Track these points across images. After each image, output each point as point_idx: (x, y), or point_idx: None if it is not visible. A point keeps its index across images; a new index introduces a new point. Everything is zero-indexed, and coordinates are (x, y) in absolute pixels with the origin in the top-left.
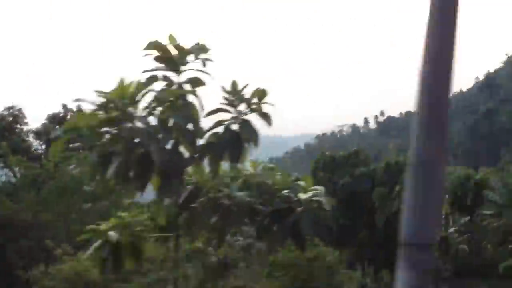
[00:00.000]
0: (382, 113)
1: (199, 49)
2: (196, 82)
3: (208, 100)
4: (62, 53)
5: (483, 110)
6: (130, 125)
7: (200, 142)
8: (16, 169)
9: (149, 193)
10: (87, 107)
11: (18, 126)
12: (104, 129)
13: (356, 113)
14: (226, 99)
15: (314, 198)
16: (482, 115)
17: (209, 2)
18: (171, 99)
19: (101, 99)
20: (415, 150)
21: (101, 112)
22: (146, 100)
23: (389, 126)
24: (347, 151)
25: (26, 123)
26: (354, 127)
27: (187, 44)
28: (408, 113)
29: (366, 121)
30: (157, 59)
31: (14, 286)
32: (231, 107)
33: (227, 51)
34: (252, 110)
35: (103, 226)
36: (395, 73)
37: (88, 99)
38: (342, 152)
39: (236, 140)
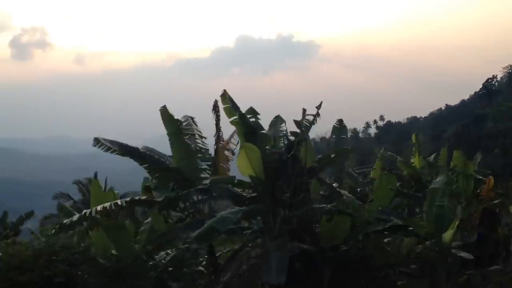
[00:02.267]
0: (382, 118)
1: None
2: None
3: None
4: None
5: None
6: None
7: None
8: None
9: None
10: None
11: None
12: None
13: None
14: None
15: None
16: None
17: None
18: None
19: None
20: None
21: None
22: None
23: (388, 132)
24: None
25: None
26: (354, 131)
27: None
28: (412, 118)
29: (368, 125)
30: None
31: None
32: None
33: None
34: None
35: None
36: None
37: None
38: None
39: None
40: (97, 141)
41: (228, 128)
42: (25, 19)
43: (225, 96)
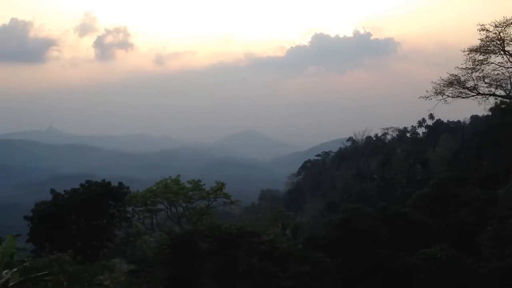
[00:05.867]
0: (431, 116)
1: None
2: None
3: None
4: None
5: None
6: None
7: None
8: None
9: None
10: None
11: None
12: None
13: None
14: None
15: None
16: None
17: None
18: None
19: None
20: None
21: None
22: None
23: (436, 131)
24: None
25: None
26: (401, 131)
27: None
28: (474, 117)
29: (420, 124)
30: None
31: None
32: None
33: None
34: None
35: None
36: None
37: None
38: None
39: None
40: None
41: None
42: (108, 20)
43: None
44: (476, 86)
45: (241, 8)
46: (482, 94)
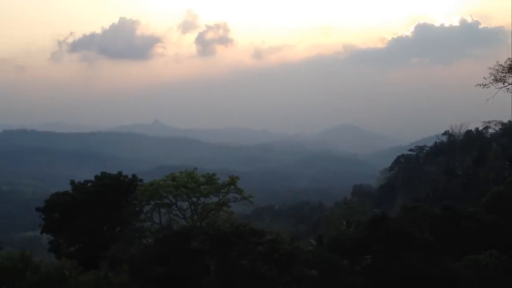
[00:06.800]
0: None
1: None
2: None
3: None
4: None
5: None
6: None
7: None
8: None
9: None
10: None
11: None
12: None
13: None
14: None
15: None
16: None
17: None
18: None
19: None
20: None
21: None
22: None
23: None
24: None
25: None
26: (504, 124)
27: None
28: None
29: None
30: None
31: None
32: None
33: None
34: None
35: None
36: None
37: None
38: None
39: None
40: None
41: None
42: (209, 16)
43: None
44: None
45: None
46: None
